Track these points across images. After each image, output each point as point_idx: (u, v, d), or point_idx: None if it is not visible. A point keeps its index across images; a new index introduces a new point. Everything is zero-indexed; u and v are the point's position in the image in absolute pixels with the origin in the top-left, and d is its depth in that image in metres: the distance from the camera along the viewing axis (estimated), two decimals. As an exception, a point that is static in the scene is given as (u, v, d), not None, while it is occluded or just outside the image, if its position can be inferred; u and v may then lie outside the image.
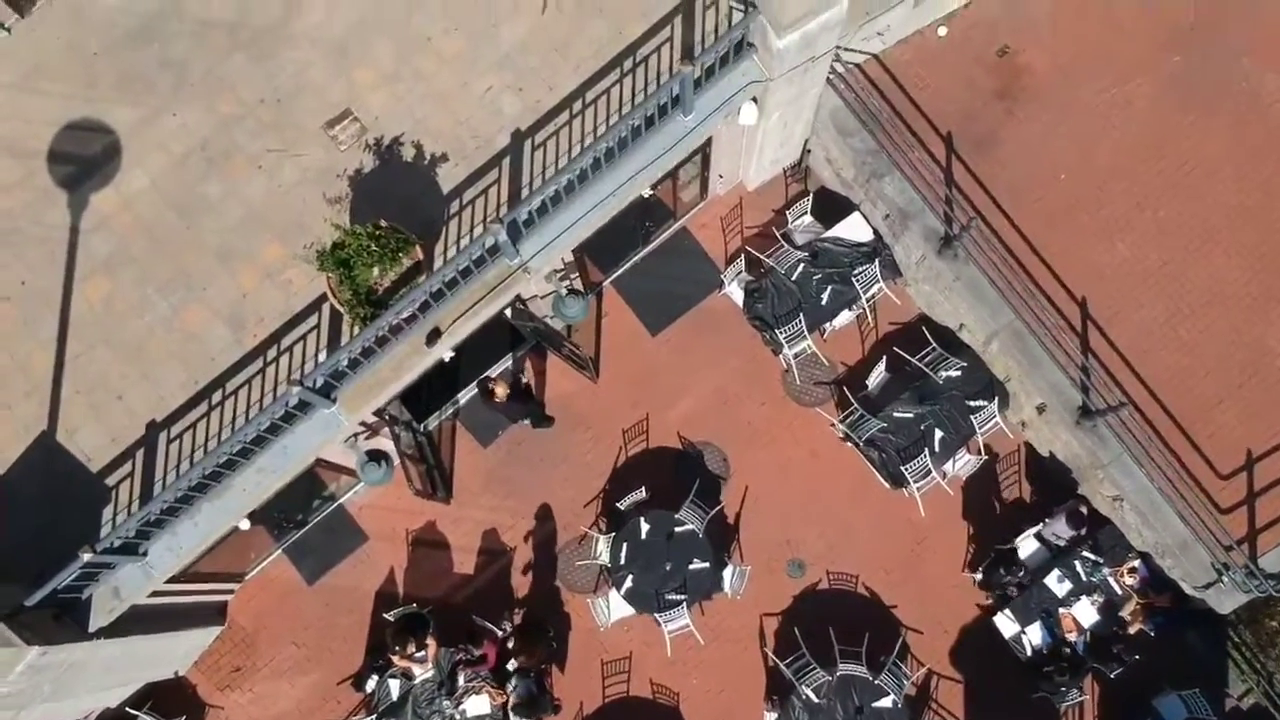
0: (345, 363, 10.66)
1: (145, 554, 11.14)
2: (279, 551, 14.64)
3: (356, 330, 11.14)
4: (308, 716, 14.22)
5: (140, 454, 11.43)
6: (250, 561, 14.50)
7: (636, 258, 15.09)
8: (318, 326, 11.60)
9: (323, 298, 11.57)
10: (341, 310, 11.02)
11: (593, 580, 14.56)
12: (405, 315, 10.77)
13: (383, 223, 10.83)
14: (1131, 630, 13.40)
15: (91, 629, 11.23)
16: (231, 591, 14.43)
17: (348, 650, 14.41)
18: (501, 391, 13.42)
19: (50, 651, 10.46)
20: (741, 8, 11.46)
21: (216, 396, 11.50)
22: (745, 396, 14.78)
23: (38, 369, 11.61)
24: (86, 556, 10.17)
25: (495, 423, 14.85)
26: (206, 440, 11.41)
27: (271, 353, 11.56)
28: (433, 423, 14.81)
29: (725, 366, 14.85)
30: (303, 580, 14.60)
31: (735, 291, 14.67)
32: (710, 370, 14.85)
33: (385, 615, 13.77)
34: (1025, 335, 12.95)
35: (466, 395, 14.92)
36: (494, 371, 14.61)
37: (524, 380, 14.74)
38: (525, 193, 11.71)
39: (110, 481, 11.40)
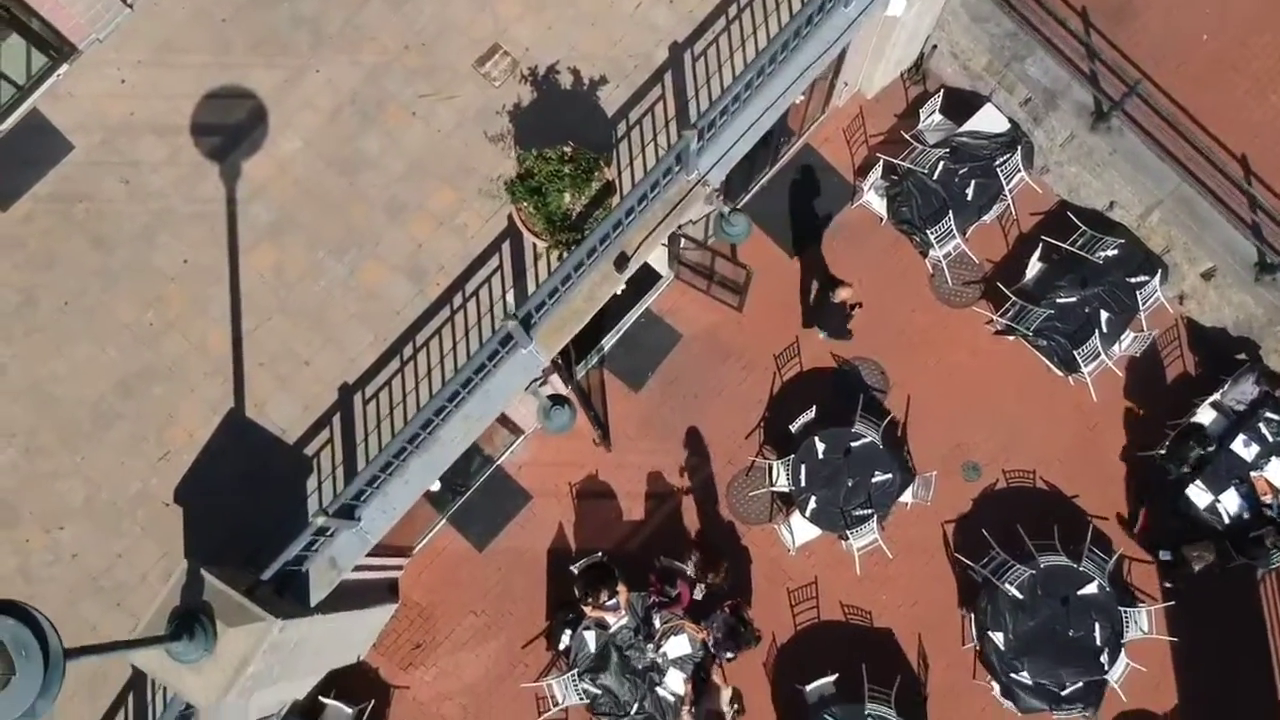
0: (553, 291, 10.31)
1: (359, 519, 10.75)
2: (443, 522, 14.26)
3: (554, 259, 10.80)
4: (497, 683, 13.86)
5: (337, 419, 11.05)
6: (417, 535, 14.12)
7: (764, 180, 14.79)
8: (500, 267, 11.25)
9: (502, 237, 11.23)
10: (539, 242, 10.67)
11: (766, 510, 14.28)
12: (604, 236, 10.43)
13: (569, 146, 10.46)
14: (1325, 485, 13.23)
15: (313, 603, 10.84)
16: (401, 568, 14.04)
17: (528, 612, 14.06)
18: (845, 294, 13.22)
19: (287, 626, 10.08)
20: (896, -114, 11.18)
21: (407, 351, 11.13)
22: (895, 305, 14.52)
23: (215, 347, 11.20)
24: (320, 521, 9.82)
25: (643, 366, 14.56)
26: (404, 396, 11.06)
27: (457, 300, 11.20)
28: (580, 373, 14.46)
29: (870, 278, 14.57)
30: (472, 547, 14.23)
31: (873, 200, 14.40)
32: (855, 283, 14.53)
33: (570, 567, 13.40)
34: (1194, 198, 12.76)
35: (611, 341, 14.59)
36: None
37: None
38: (691, 105, 11.40)
39: (309, 451, 11.02)
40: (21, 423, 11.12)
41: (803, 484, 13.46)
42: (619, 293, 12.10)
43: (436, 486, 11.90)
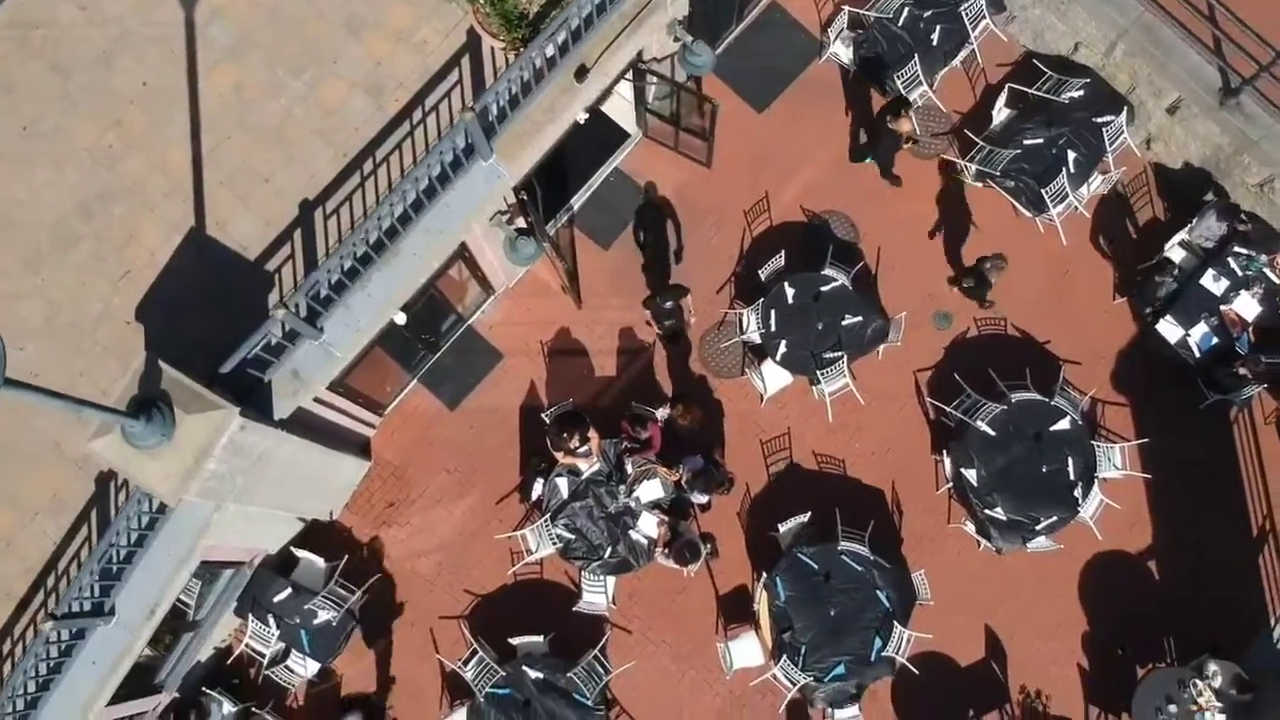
0: (512, 97, 10.27)
1: (322, 329, 10.69)
2: (415, 382, 14.19)
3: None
4: (471, 539, 13.80)
5: (298, 234, 11.05)
6: (388, 395, 14.05)
7: (730, 38, 14.77)
8: (460, 82, 11.26)
9: (461, 53, 11.24)
10: (497, 44, 10.65)
11: (739, 363, 14.24)
12: (562, 37, 10.40)
13: (522, -56, 10.46)
14: (1297, 317, 13.21)
15: (276, 416, 10.78)
16: (373, 426, 13.96)
17: (501, 469, 13.99)
18: (907, 127, 13.09)
19: (249, 427, 10.02)
20: None
21: (368, 166, 11.11)
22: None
23: (175, 167, 11.19)
24: (281, 314, 9.78)
25: (613, 224, 14.51)
26: (365, 212, 11.02)
27: (416, 115, 11.19)
28: (550, 230, 14.39)
29: (839, 132, 14.59)
30: (444, 406, 14.16)
31: (840, 50, 14.40)
32: (824, 138, 14.58)
33: (542, 415, 13.35)
34: (1156, 26, 12.77)
35: (580, 200, 14.56)
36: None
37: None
38: (648, -81, 11.37)
39: (270, 266, 11.02)
40: (-19, 246, 11.07)
41: (773, 328, 13.42)
42: (581, 122, 12.01)
43: (402, 319, 11.78)
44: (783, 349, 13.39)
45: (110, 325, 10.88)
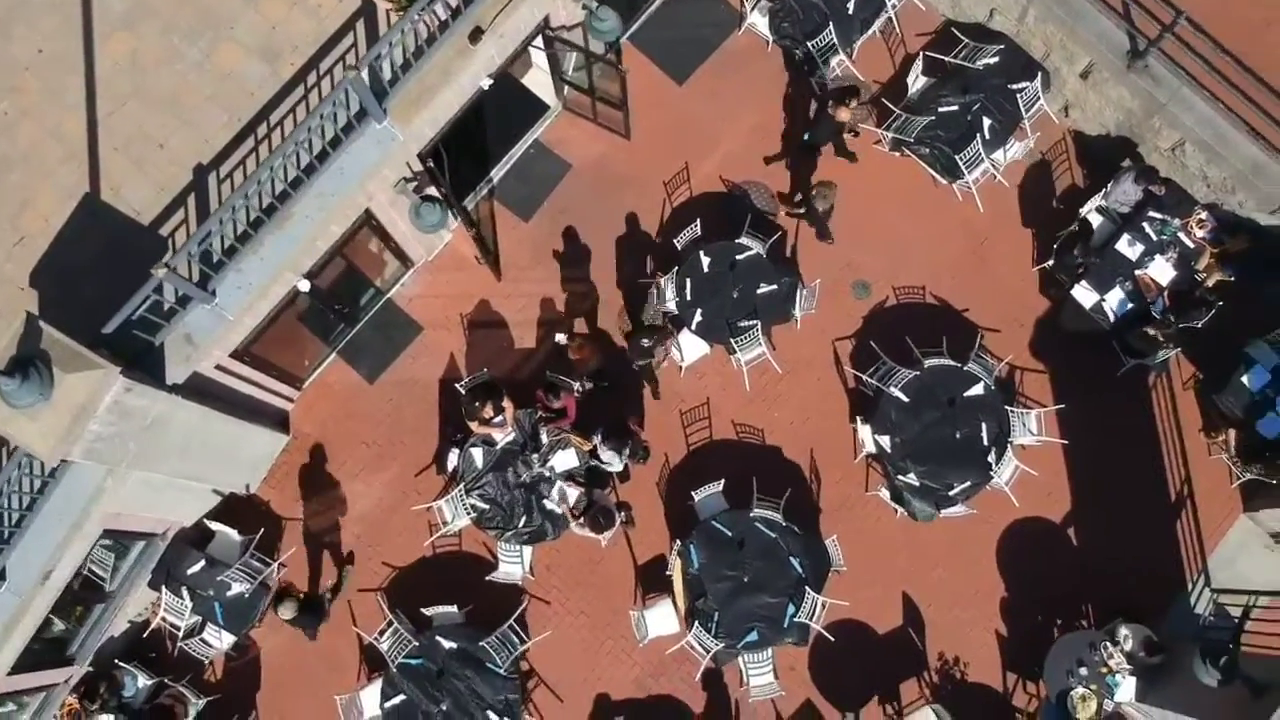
0: (402, 47, 10.25)
1: (213, 291, 10.66)
2: (333, 355, 14.17)
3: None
4: (390, 513, 13.76)
5: (192, 199, 11.04)
6: (306, 368, 14.03)
7: (650, 10, 14.76)
8: (355, 45, 11.22)
9: (355, 16, 11.25)
10: (389, 6, 10.64)
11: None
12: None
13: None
14: (1210, 282, 13.18)
15: (168, 380, 10.75)
16: (291, 400, 13.94)
17: (420, 442, 13.97)
18: (845, 115, 13.01)
19: (135, 389, 9.99)
20: None
21: (262, 130, 11.10)
22: (782, 129, 14.47)
23: (70, 133, 11.16)
24: (161, 273, 9.75)
25: (534, 196, 14.50)
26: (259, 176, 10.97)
27: (311, 78, 11.18)
28: (469, 203, 14.39)
29: (759, 104, 14.58)
30: (363, 380, 14.14)
31: (759, 20, 14.39)
32: (744, 109, 14.57)
33: (457, 386, 13.34)
34: (1064, -11, 12.74)
35: (500, 172, 14.54)
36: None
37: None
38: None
39: (165, 231, 11.01)
40: (-125, 214, 11.04)
41: (688, 297, 13.40)
42: (485, 88, 11.98)
43: (305, 286, 11.75)
44: (698, 318, 13.38)
45: (3, 291, 10.86)
